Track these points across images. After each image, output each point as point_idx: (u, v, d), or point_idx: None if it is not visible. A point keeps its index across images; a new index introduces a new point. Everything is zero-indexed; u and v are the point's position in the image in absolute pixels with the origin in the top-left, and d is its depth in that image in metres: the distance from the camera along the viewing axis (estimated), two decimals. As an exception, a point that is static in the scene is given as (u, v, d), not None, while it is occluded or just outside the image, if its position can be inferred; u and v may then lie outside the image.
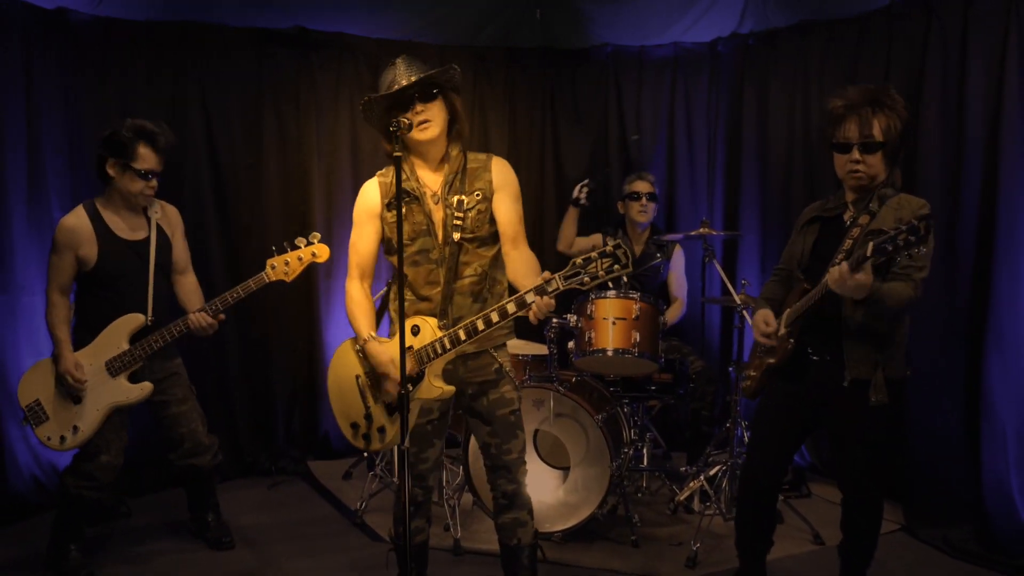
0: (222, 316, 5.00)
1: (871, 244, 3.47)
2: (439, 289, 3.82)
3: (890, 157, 3.98)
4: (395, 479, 6.00)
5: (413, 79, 3.66)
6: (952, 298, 5.51)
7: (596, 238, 6.97)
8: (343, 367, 4.03)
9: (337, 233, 6.61)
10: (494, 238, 3.92)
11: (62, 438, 4.76)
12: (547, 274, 3.41)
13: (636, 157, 7.70)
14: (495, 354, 3.99)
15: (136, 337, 4.88)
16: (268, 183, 7.00)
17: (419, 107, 3.69)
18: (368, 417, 3.90)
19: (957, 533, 5.36)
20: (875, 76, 6.06)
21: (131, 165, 4.77)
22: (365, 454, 6.69)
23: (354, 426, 3.96)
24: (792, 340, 4.15)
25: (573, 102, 7.89)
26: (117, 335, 4.85)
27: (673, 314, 6.64)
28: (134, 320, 4.88)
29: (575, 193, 6.71)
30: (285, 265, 4.88)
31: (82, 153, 6.14)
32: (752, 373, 4.50)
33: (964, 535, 5.33)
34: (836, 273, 3.61)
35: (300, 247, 4.87)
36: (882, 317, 3.93)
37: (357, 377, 3.94)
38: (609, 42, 7.66)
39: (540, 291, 3.38)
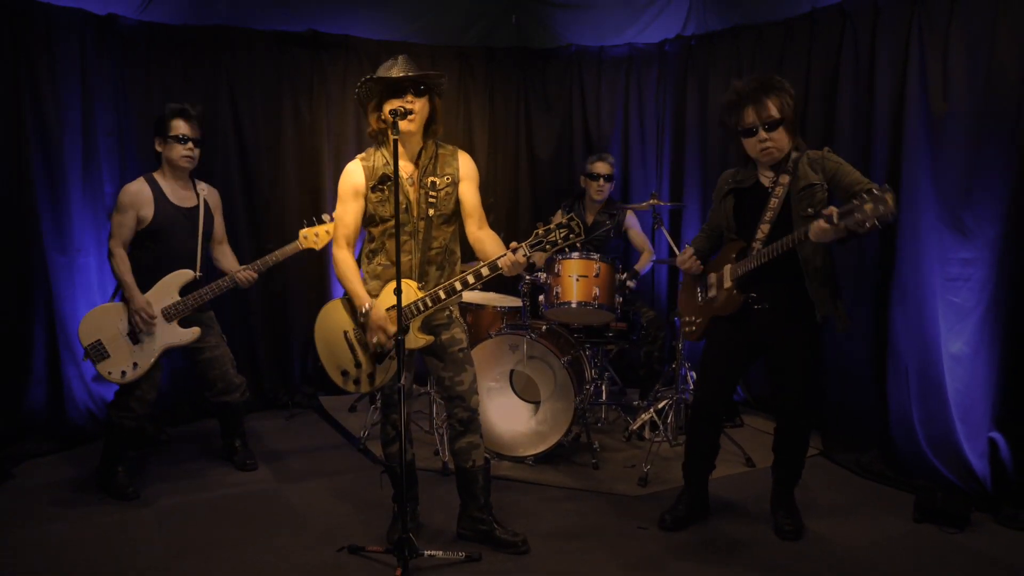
0: (255, 276, 5.06)
1: (837, 212, 3.43)
2: (410, 257, 3.90)
3: (790, 128, 3.93)
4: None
5: (412, 74, 3.71)
6: (862, 258, 5.43)
7: (557, 215, 6.87)
8: (331, 323, 4.06)
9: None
10: (455, 217, 4.00)
11: (123, 372, 4.72)
12: (515, 244, 3.59)
13: (597, 139, 7.60)
14: (453, 309, 4.12)
15: (185, 290, 4.88)
16: (286, 163, 6.90)
17: (410, 97, 3.71)
18: (358, 365, 3.94)
19: (867, 457, 5.32)
20: (798, 72, 5.96)
21: (168, 135, 4.83)
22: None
23: (344, 373, 4.00)
24: (737, 292, 4.09)
25: (543, 94, 7.77)
26: (170, 287, 4.85)
27: (643, 263, 6.51)
28: (185, 275, 4.89)
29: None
30: (315, 236, 4.99)
31: (129, 136, 6.10)
32: (697, 320, 4.41)
33: (872, 458, 5.28)
34: (818, 230, 3.52)
35: (326, 222, 4.98)
36: (830, 254, 3.97)
37: (345, 332, 4.00)
38: (573, 43, 7.53)
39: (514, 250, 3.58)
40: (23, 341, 5.65)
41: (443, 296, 3.75)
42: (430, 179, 3.88)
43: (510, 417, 5.51)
